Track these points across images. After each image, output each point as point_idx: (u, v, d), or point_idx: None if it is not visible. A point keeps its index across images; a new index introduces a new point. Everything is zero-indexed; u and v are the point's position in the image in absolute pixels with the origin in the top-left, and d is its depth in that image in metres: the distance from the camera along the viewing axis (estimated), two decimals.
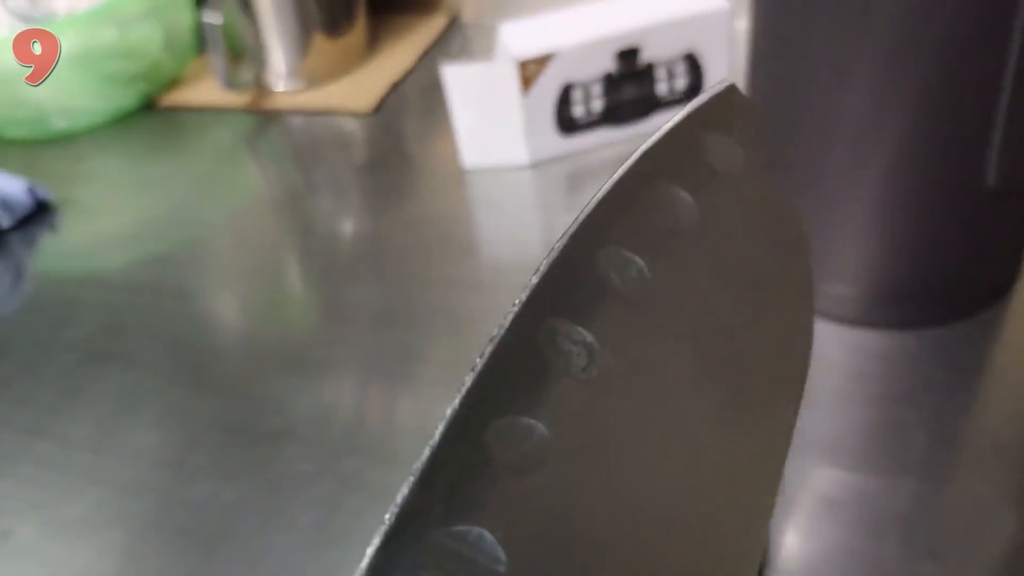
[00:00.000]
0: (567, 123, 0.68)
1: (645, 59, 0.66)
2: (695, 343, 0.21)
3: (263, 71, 0.83)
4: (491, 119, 0.67)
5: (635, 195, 0.21)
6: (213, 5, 0.77)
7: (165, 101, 0.86)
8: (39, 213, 0.72)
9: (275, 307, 0.61)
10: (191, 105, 0.85)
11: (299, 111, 0.81)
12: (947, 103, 0.43)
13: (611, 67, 0.66)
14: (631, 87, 0.67)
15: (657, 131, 0.21)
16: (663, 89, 0.68)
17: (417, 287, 0.59)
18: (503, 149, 0.68)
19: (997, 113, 0.43)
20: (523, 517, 0.17)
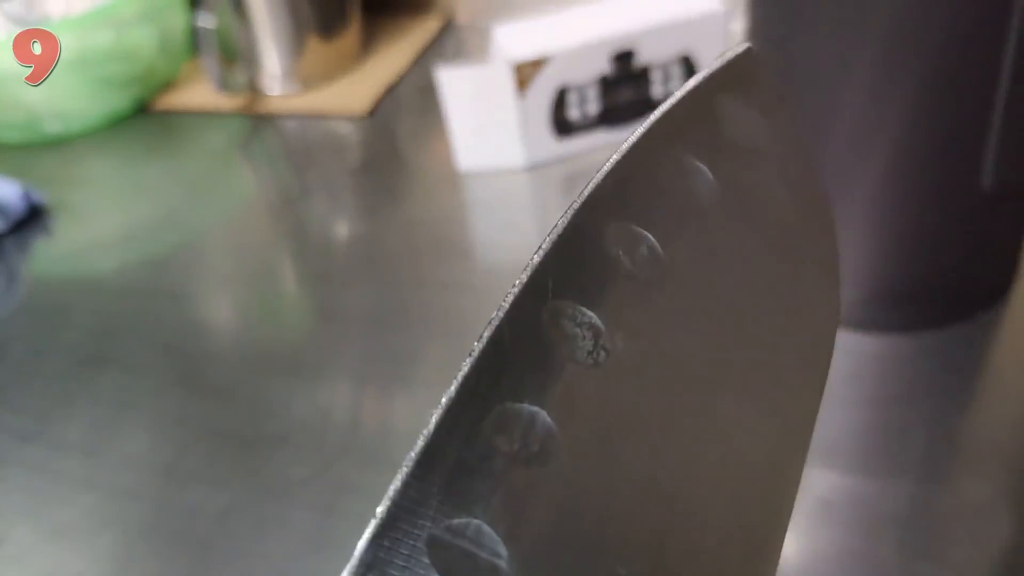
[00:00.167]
0: (563, 126, 0.68)
1: (640, 62, 0.66)
2: (712, 325, 0.20)
3: (257, 74, 0.82)
4: (486, 122, 0.67)
5: (646, 166, 0.19)
6: (207, 8, 0.77)
7: (159, 104, 0.86)
8: (33, 217, 0.72)
9: (269, 310, 0.60)
10: (185, 108, 0.84)
11: (293, 114, 0.81)
12: (943, 106, 0.43)
13: (606, 70, 0.66)
14: (626, 90, 0.67)
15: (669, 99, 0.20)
16: (658, 91, 0.68)
17: (412, 290, 0.59)
18: (498, 152, 0.68)
19: (993, 116, 0.43)
20: (526, 510, 0.16)
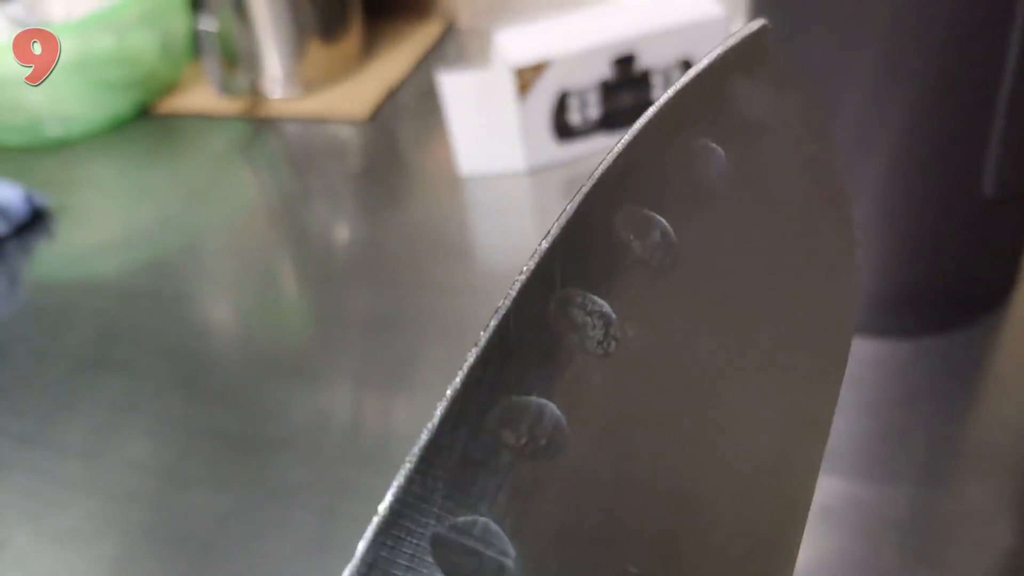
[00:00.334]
0: (564, 130, 0.67)
1: (641, 66, 0.66)
2: (725, 313, 0.19)
3: (258, 77, 0.82)
4: (487, 126, 0.67)
5: (658, 148, 0.18)
6: (208, 11, 0.77)
7: (161, 108, 0.86)
8: (35, 220, 0.72)
9: (270, 314, 0.60)
10: (187, 112, 0.84)
11: (294, 118, 0.80)
12: (944, 108, 0.43)
13: (607, 74, 0.66)
14: (627, 94, 0.67)
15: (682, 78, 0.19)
16: (659, 96, 0.68)
17: (413, 293, 0.59)
18: (499, 156, 0.68)
19: (994, 121, 0.43)
20: (533, 506, 0.16)
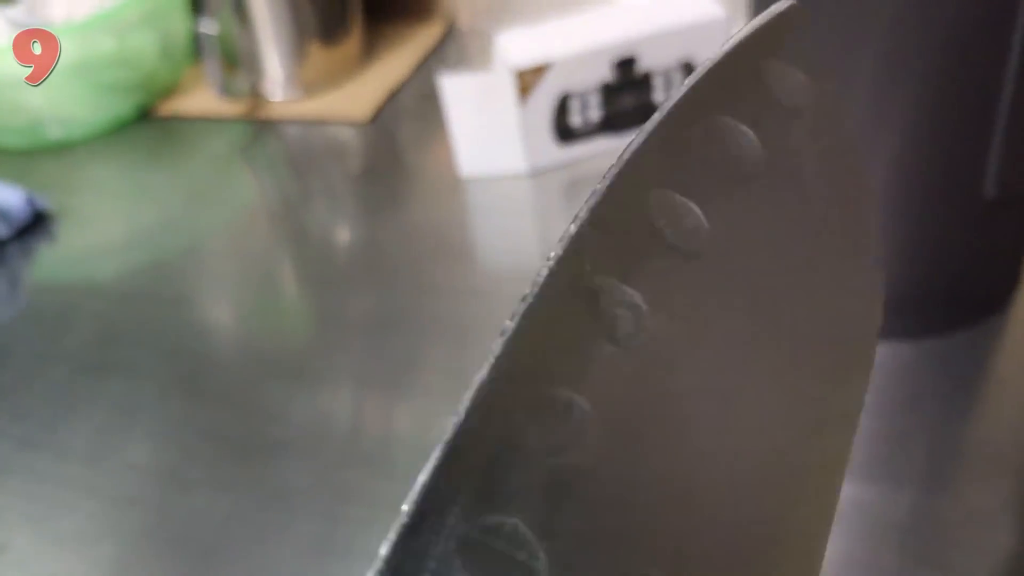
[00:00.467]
0: (565, 132, 0.67)
1: (642, 68, 0.66)
2: (757, 303, 0.18)
3: (259, 80, 0.82)
4: (488, 128, 0.67)
5: (689, 131, 0.18)
6: (209, 14, 0.77)
7: (161, 110, 0.85)
8: (36, 222, 0.72)
9: (271, 315, 0.60)
10: (187, 114, 0.84)
11: (295, 120, 0.80)
12: (945, 112, 0.43)
13: (608, 76, 0.66)
14: (629, 96, 0.67)
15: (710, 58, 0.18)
16: (660, 98, 0.68)
17: (414, 296, 0.59)
18: (500, 158, 0.68)
19: (996, 122, 0.43)
20: (563, 507, 0.15)
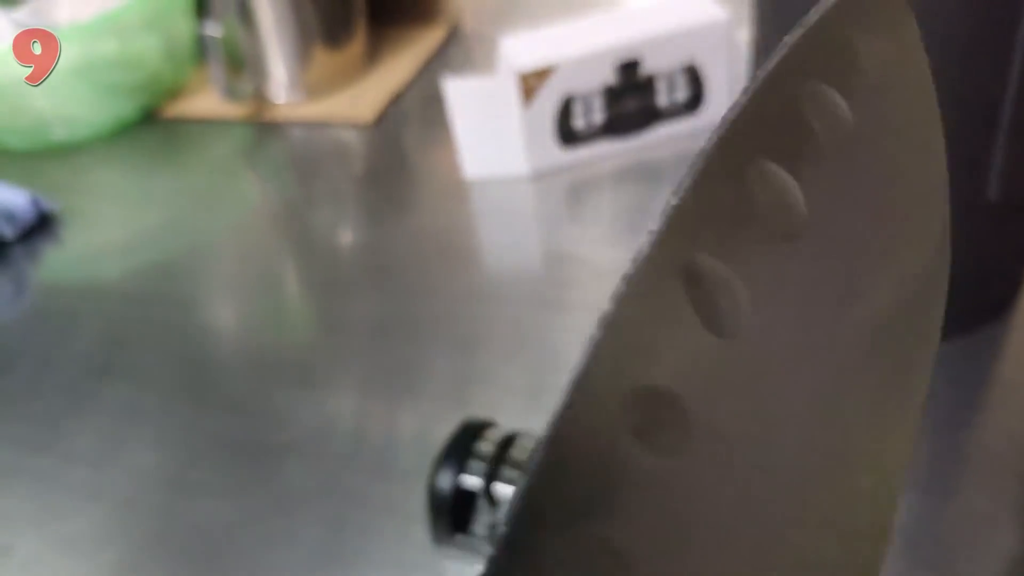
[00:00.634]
0: (568, 135, 0.67)
1: (645, 71, 0.66)
2: (846, 289, 0.17)
3: (263, 82, 0.82)
4: (492, 131, 0.66)
5: (785, 97, 0.17)
6: (213, 17, 0.77)
7: (166, 112, 0.85)
8: (42, 224, 0.72)
9: (276, 319, 0.60)
10: (192, 116, 0.84)
11: (299, 122, 0.80)
12: (949, 118, 0.43)
13: (611, 79, 0.65)
14: (632, 99, 0.67)
15: (799, 27, 0.17)
16: (663, 101, 0.67)
17: (418, 298, 0.59)
18: (504, 161, 0.68)
19: (999, 127, 0.43)
20: (659, 515, 0.14)
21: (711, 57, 0.67)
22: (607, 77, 0.65)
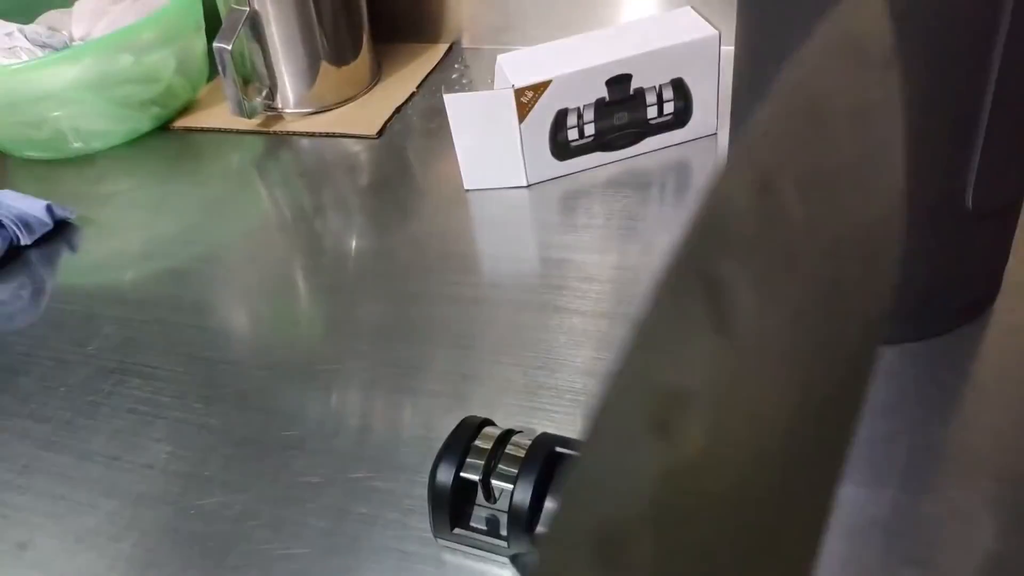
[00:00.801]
0: (561, 148, 0.67)
1: (635, 85, 0.66)
2: (818, 277, 0.17)
3: (273, 97, 0.82)
4: (490, 143, 0.67)
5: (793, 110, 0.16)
6: (225, 33, 0.77)
7: (180, 124, 0.86)
8: (58, 231, 0.72)
9: (285, 322, 0.60)
10: (204, 128, 0.84)
11: (307, 135, 0.80)
12: (927, 125, 0.43)
13: (603, 93, 0.66)
14: (622, 113, 0.67)
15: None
16: (653, 114, 0.68)
17: (420, 303, 0.59)
18: (501, 172, 0.68)
19: (976, 137, 0.43)
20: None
21: (699, 72, 0.67)
22: (599, 91, 0.66)
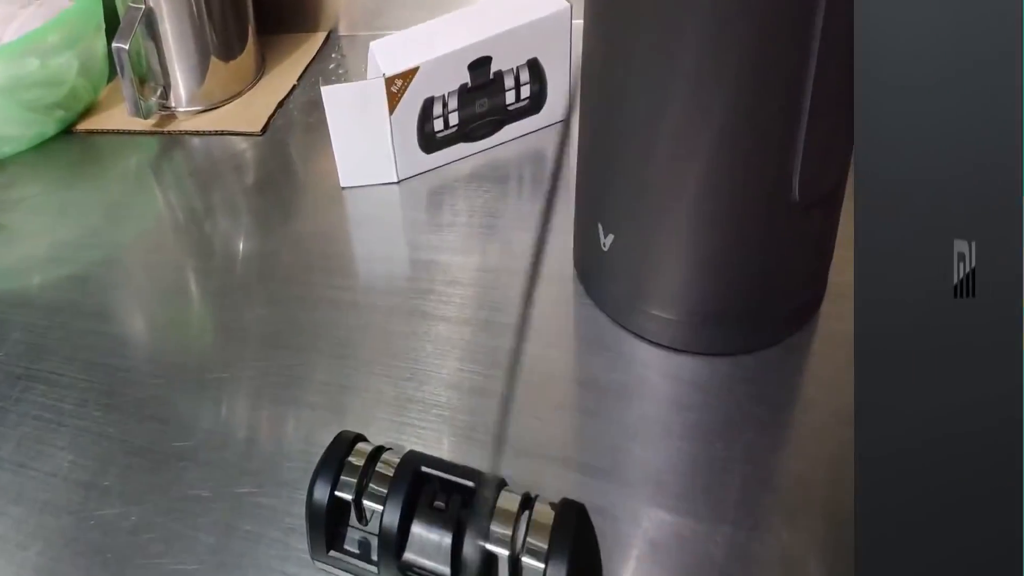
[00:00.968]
0: (428, 140, 0.66)
1: (495, 68, 0.65)
2: None
3: (167, 96, 0.81)
4: (363, 137, 0.65)
5: None
6: (123, 32, 0.76)
7: (82, 127, 0.85)
8: None
9: (179, 328, 0.60)
10: (105, 130, 0.83)
11: (197, 133, 0.79)
12: (755, 114, 0.42)
13: (466, 78, 0.65)
14: (483, 99, 0.66)
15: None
16: (511, 98, 0.67)
17: (301, 308, 0.58)
18: (374, 167, 0.67)
19: (800, 122, 0.42)
20: None
21: (554, 51, 0.66)
22: (462, 76, 0.65)
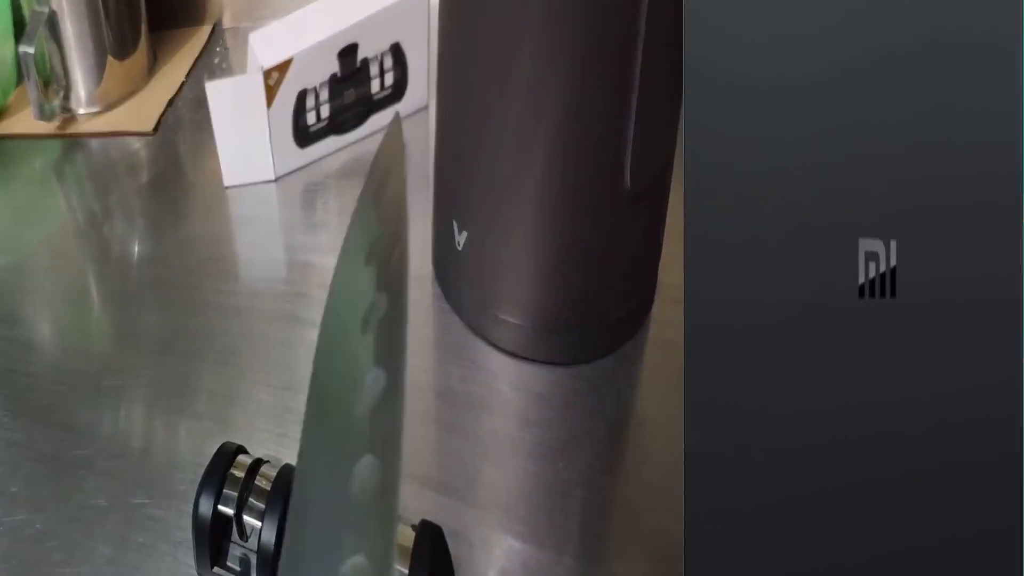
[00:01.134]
0: (302, 134, 0.65)
1: (361, 56, 0.63)
2: None
3: (68, 97, 0.80)
4: (243, 134, 0.64)
5: None
6: (28, 36, 0.74)
7: None
8: None
9: (79, 334, 0.59)
10: (13, 134, 0.81)
11: (95, 135, 0.77)
12: (586, 115, 0.42)
13: (336, 68, 0.63)
14: (351, 89, 0.65)
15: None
16: (376, 87, 0.66)
17: (191, 313, 0.58)
18: (254, 165, 0.65)
19: (629, 117, 0.41)
20: None
21: (414, 34, 0.64)
22: (332, 66, 0.63)
